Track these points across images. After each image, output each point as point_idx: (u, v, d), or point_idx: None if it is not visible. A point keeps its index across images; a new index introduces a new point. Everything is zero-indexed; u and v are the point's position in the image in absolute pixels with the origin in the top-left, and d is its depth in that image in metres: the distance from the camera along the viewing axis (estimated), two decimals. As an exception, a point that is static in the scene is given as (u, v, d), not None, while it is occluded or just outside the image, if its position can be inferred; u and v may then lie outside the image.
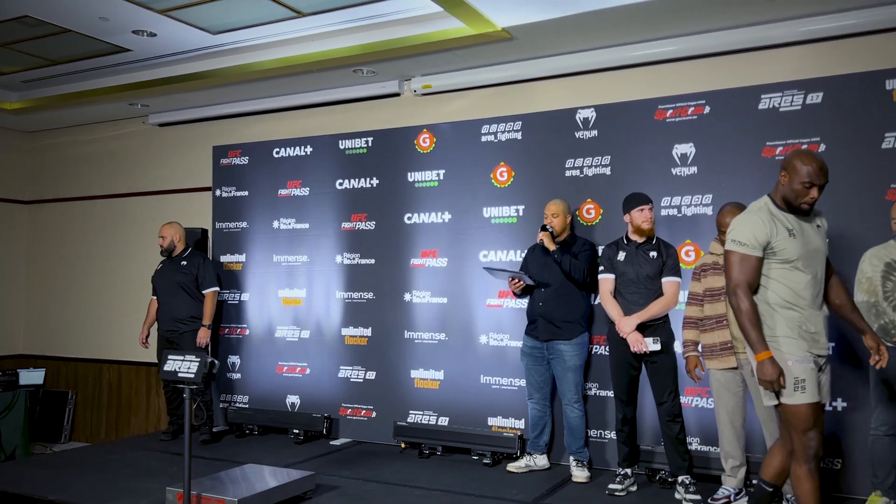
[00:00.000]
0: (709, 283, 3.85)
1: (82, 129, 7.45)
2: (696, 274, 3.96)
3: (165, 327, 5.51)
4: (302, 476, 4.03)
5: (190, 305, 5.48)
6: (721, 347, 3.75)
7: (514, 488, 4.22)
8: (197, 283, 5.50)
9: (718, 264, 3.81)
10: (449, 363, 5.24)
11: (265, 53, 5.42)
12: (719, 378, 3.81)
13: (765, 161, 4.36)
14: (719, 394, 3.83)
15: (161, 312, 5.57)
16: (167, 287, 5.52)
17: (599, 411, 4.70)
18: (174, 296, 5.48)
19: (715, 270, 3.83)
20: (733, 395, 3.79)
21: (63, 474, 4.45)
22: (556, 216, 4.55)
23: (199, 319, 5.47)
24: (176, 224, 5.66)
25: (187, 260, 5.55)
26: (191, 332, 5.45)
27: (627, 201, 4.19)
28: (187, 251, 5.61)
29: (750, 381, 3.73)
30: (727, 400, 3.80)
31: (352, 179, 5.70)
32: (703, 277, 3.89)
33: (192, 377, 3.48)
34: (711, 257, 3.91)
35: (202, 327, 5.45)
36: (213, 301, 5.52)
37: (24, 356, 7.57)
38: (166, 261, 5.62)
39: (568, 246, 4.53)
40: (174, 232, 5.58)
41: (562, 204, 4.58)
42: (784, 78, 4.42)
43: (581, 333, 4.49)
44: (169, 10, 4.77)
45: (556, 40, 4.89)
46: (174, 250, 5.58)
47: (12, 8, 4.74)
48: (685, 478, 3.99)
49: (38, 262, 7.67)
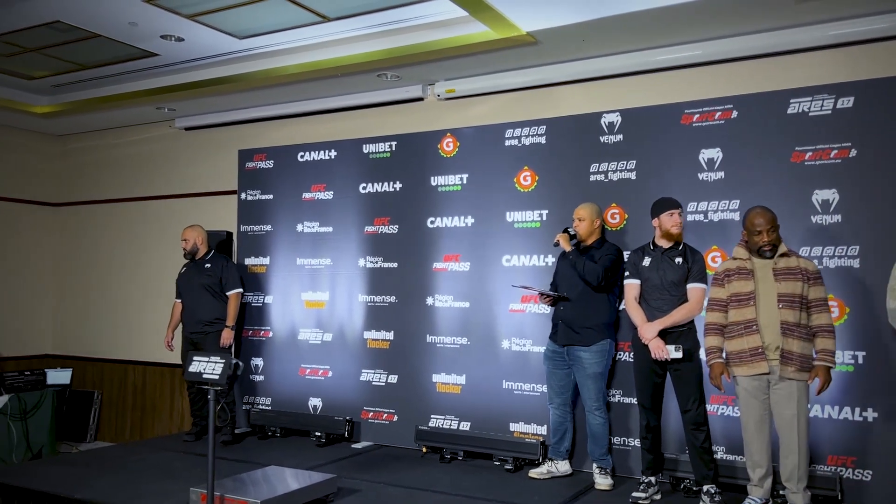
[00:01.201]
0: (734, 288, 3.76)
1: (110, 132, 7.55)
2: (719, 279, 3.86)
3: (190, 329, 5.55)
4: (324, 479, 4.03)
5: (214, 307, 5.52)
6: (751, 353, 3.66)
7: (536, 495, 4.19)
8: (221, 285, 5.55)
9: (745, 269, 3.74)
10: (471, 368, 5.22)
11: (291, 58, 5.46)
12: (746, 386, 3.73)
13: (794, 166, 4.30)
14: (746, 402, 3.74)
15: (185, 315, 5.62)
16: (191, 289, 5.57)
17: (623, 418, 4.65)
18: (198, 298, 5.53)
19: (741, 275, 3.75)
20: (761, 402, 3.71)
21: (88, 473, 4.49)
22: (583, 220, 4.51)
23: (224, 321, 5.51)
24: (198, 227, 5.71)
25: (211, 262, 5.60)
26: (215, 334, 5.49)
27: (657, 205, 4.15)
28: (210, 253, 5.66)
29: (774, 390, 3.66)
30: (755, 408, 3.72)
31: (375, 183, 5.72)
32: (728, 283, 3.80)
33: (217, 378, 3.50)
34: (736, 262, 3.81)
35: (226, 328, 5.49)
36: (236, 302, 5.56)
37: (52, 356, 7.68)
38: (190, 263, 5.67)
39: (594, 249, 4.48)
40: (196, 235, 5.63)
41: (590, 208, 4.54)
42: (814, 82, 4.35)
43: (602, 340, 4.42)
44: (196, 15, 4.82)
45: (581, 45, 4.86)
46: (197, 253, 5.63)
47: (44, 13, 4.82)
48: (710, 487, 3.93)
49: (66, 264, 7.78)
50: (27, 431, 6.01)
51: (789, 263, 3.69)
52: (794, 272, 3.66)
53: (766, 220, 3.69)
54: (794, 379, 3.60)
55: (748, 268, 3.73)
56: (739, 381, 3.75)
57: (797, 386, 3.60)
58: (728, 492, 4.03)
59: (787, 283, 3.65)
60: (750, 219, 3.75)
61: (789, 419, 3.60)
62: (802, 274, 3.66)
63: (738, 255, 3.83)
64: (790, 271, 3.67)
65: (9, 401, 5.90)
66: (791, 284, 3.65)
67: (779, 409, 3.65)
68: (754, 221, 3.72)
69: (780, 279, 3.66)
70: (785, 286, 3.65)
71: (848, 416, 4.09)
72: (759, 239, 3.69)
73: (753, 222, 3.72)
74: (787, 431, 3.63)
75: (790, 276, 3.66)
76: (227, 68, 5.72)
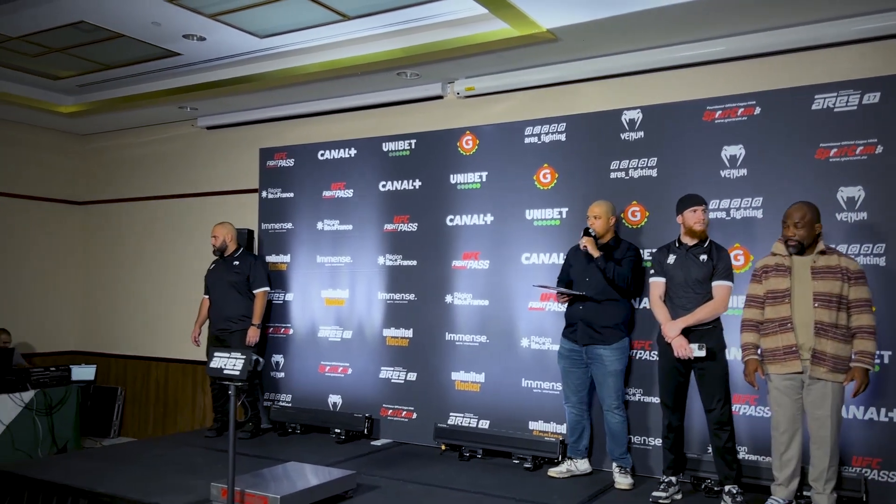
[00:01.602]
0: (771, 284, 3.68)
1: (134, 131, 7.64)
2: (757, 275, 3.78)
3: (217, 326, 5.59)
4: (343, 475, 4.05)
5: (241, 304, 5.55)
6: (785, 351, 3.60)
7: (555, 493, 4.17)
8: (248, 283, 5.57)
9: (783, 266, 3.67)
10: (490, 366, 5.21)
11: (311, 57, 5.49)
12: (779, 384, 3.66)
13: (818, 163, 4.24)
14: (779, 401, 3.66)
15: (213, 311, 5.66)
16: (219, 286, 5.61)
17: (642, 418, 4.62)
18: (226, 295, 5.56)
19: (778, 272, 3.67)
20: (793, 401, 3.63)
21: (112, 468, 4.55)
22: (599, 218, 4.49)
23: (250, 318, 5.55)
24: (228, 224, 5.75)
25: (239, 260, 5.63)
26: (241, 331, 5.53)
27: (681, 202, 4.10)
28: (239, 251, 5.70)
29: (808, 390, 3.60)
30: (787, 407, 3.64)
31: (394, 181, 5.73)
32: (765, 279, 3.72)
33: (238, 374, 3.53)
34: (774, 258, 3.72)
35: (252, 326, 5.53)
36: (263, 301, 5.59)
37: (77, 352, 7.79)
38: (219, 260, 5.70)
39: (611, 249, 4.47)
40: (226, 232, 5.67)
41: (605, 205, 4.51)
42: (839, 77, 4.29)
43: (621, 339, 4.42)
44: (218, 15, 4.86)
45: (601, 41, 4.83)
46: (226, 250, 5.66)
47: (69, 14, 4.89)
48: (732, 487, 3.89)
49: (91, 262, 7.89)
50: (52, 426, 6.09)
51: (829, 262, 3.59)
52: (834, 271, 3.56)
53: (796, 215, 3.62)
54: (826, 380, 3.53)
55: (785, 265, 3.66)
56: (772, 378, 3.68)
57: (831, 387, 3.53)
58: (750, 492, 3.98)
59: (824, 281, 3.56)
60: (786, 212, 3.69)
61: (821, 420, 3.55)
62: (843, 273, 3.55)
63: (776, 251, 3.75)
64: (829, 270, 3.57)
65: (35, 396, 5.99)
66: (829, 283, 3.55)
67: (811, 409, 3.59)
68: (786, 213, 3.67)
69: (818, 277, 3.58)
70: (822, 285, 3.56)
71: (874, 417, 4.02)
72: (786, 232, 3.64)
73: (785, 214, 3.67)
74: (818, 432, 3.57)
75: (829, 274, 3.57)
76: (249, 67, 5.77)
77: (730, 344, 4.10)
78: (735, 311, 4.15)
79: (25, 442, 5.88)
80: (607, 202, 4.55)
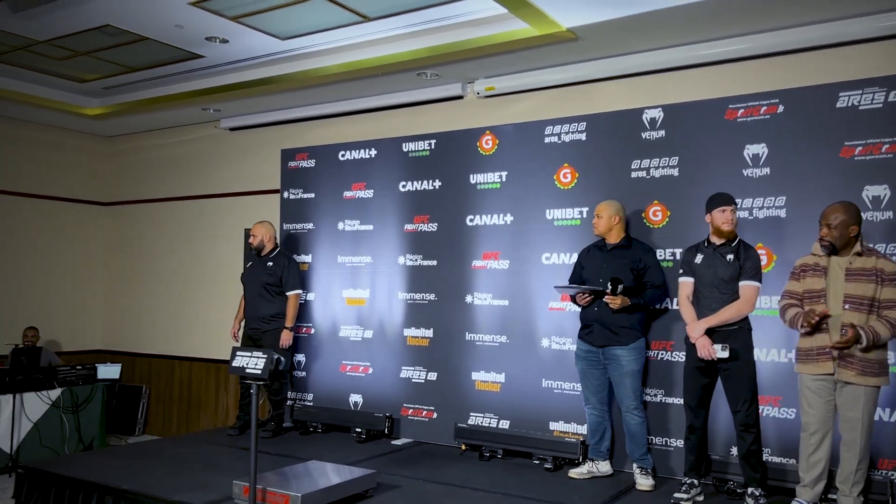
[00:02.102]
0: (808, 284, 3.64)
1: (158, 133, 7.74)
2: (795, 273, 3.72)
3: (250, 325, 5.64)
4: (364, 474, 4.07)
5: (272, 305, 5.58)
6: (818, 352, 3.55)
7: (576, 494, 4.15)
8: (280, 284, 5.60)
9: (819, 266, 3.62)
10: (510, 366, 5.20)
11: (332, 58, 5.52)
12: (811, 385, 3.61)
13: (843, 161, 4.18)
14: (811, 401, 3.61)
15: (247, 310, 5.70)
16: (253, 286, 5.65)
17: (662, 418, 4.59)
18: (259, 295, 5.60)
19: (815, 272, 3.62)
20: (826, 402, 3.58)
21: (136, 465, 4.61)
22: (600, 217, 4.49)
23: (281, 319, 5.57)
24: (267, 223, 5.78)
25: (273, 261, 5.66)
26: (273, 332, 5.55)
27: (710, 201, 4.05)
28: (275, 251, 5.72)
29: (841, 392, 3.54)
30: (819, 408, 3.59)
31: (414, 181, 5.74)
32: (803, 278, 3.67)
33: (259, 373, 3.56)
34: (812, 258, 3.67)
35: (285, 329, 5.54)
36: (295, 303, 5.61)
37: (102, 351, 7.91)
38: (255, 259, 5.74)
39: (623, 249, 4.46)
40: (265, 231, 5.70)
41: (609, 206, 4.50)
42: (864, 75, 4.22)
43: (638, 339, 4.41)
44: (240, 17, 4.91)
45: (622, 40, 4.81)
46: (263, 249, 5.70)
47: (94, 18, 4.97)
48: (755, 489, 3.85)
49: (116, 262, 8.00)
50: (79, 424, 6.18)
51: (865, 264, 3.53)
52: (868, 273, 3.50)
53: (830, 216, 3.58)
54: (855, 383, 3.48)
55: (822, 265, 3.61)
56: (804, 379, 3.64)
57: (863, 389, 3.48)
58: (776, 495, 3.94)
59: (856, 283, 3.51)
60: (822, 212, 3.64)
61: (852, 422, 3.50)
62: (877, 275, 3.49)
63: (815, 251, 3.70)
64: (864, 272, 3.52)
65: (61, 394, 6.09)
66: (861, 286, 3.50)
67: (843, 410, 3.54)
68: (822, 213, 3.63)
69: (851, 279, 3.52)
70: (853, 287, 3.51)
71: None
72: (820, 231, 3.61)
73: (822, 215, 3.63)
74: (848, 434, 3.52)
75: (862, 276, 3.51)
76: (270, 69, 5.82)
77: (758, 344, 4.05)
78: (762, 312, 4.10)
79: (53, 439, 5.99)
80: (614, 202, 4.53)
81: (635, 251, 4.47)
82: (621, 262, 4.43)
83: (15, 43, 5.49)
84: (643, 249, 4.49)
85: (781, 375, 4.23)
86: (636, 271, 4.42)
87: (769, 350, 4.29)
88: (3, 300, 7.18)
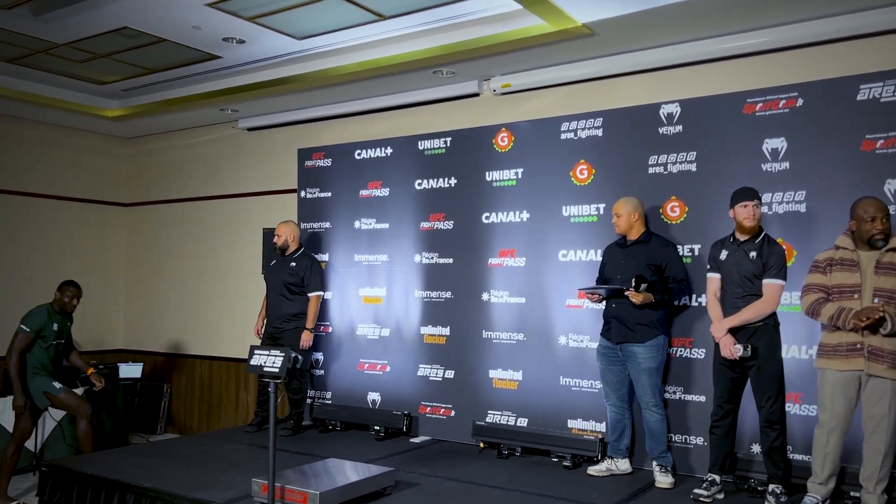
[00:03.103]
0: (837, 279, 3.58)
1: (176, 134, 7.81)
2: (820, 268, 3.65)
3: (271, 324, 5.67)
4: (382, 472, 4.08)
5: (293, 305, 5.60)
6: (848, 348, 3.50)
7: (595, 492, 4.14)
8: (302, 284, 5.62)
9: (850, 260, 3.56)
10: (528, 364, 5.19)
11: (348, 57, 5.54)
12: (836, 380, 3.55)
13: (864, 155, 4.12)
14: (835, 397, 3.56)
15: (269, 309, 5.74)
16: (275, 285, 5.68)
17: (682, 416, 4.55)
18: (280, 294, 5.63)
19: (844, 266, 3.57)
20: (849, 399, 3.54)
21: (157, 464, 4.65)
22: (619, 216, 4.46)
23: (302, 319, 5.59)
24: (291, 223, 5.81)
25: (296, 261, 5.68)
26: (293, 331, 5.57)
27: (733, 196, 3.99)
28: (299, 251, 5.74)
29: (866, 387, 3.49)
30: (842, 405, 3.55)
31: (430, 179, 5.74)
32: (830, 272, 3.61)
33: (277, 371, 3.58)
34: (839, 252, 3.62)
35: (305, 330, 5.57)
36: (316, 304, 5.62)
37: (124, 350, 7.99)
38: (278, 258, 5.76)
39: (642, 244, 4.44)
40: (289, 231, 5.73)
41: (626, 203, 4.46)
42: (885, 67, 4.16)
43: (656, 336, 4.36)
44: (257, 17, 4.94)
45: (638, 35, 4.78)
46: (287, 249, 5.73)
47: (113, 20, 5.02)
48: (776, 487, 3.81)
49: (137, 262, 8.08)
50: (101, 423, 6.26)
51: (894, 258, 3.50)
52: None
53: (879, 207, 3.52)
54: (886, 377, 3.44)
55: (854, 259, 3.56)
56: (828, 374, 3.58)
57: (890, 385, 3.44)
58: (798, 493, 3.88)
59: (886, 277, 3.47)
60: (862, 206, 3.56)
61: (878, 418, 3.46)
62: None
63: (842, 245, 3.64)
64: (893, 266, 3.49)
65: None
66: (892, 280, 3.46)
67: (868, 407, 3.50)
68: (867, 209, 3.54)
69: (881, 273, 3.48)
70: (884, 281, 3.47)
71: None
72: (873, 227, 3.50)
73: (866, 209, 3.54)
74: (873, 430, 3.48)
75: (892, 271, 3.48)
76: (287, 69, 5.84)
77: (787, 341, 4.01)
78: (784, 308, 4.04)
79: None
80: (630, 199, 4.50)
81: (654, 246, 4.44)
82: (640, 259, 4.41)
83: (35, 46, 5.56)
84: (662, 244, 4.46)
85: (803, 372, 4.18)
86: (655, 266, 4.39)
87: (790, 347, 4.23)
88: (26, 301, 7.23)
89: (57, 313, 5.20)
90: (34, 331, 5.04)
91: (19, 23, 5.08)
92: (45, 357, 5.13)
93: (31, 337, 5.03)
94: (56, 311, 5.20)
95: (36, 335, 5.05)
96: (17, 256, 7.24)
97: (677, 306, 4.59)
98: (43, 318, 5.09)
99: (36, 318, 5.08)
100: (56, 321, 5.17)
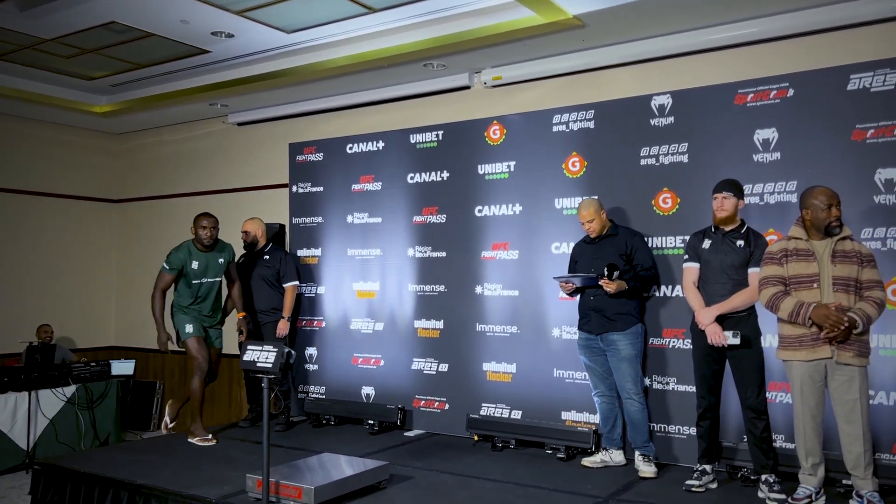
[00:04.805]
0: (793, 269, 3.60)
1: (166, 129, 7.76)
2: (776, 259, 3.65)
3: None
4: (377, 466, 4.08)
5: (271, 298, 5.65)
6: (813, 338, 3.52)
7: (589, 483, 4.15)
8: (279, 277, 5.66)
9: (805, 250, 3.58)
10: (521, 356, 5.20)
11: (338, 50, 5.51)
12: (803, 372, 3.58)
13: (855, 145, 4.14)
14: (803, 387, 3.59)
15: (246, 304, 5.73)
16: (250, 280, 5.68)
17: (663, 406, 4.58)
18: (257, 289, 5.66)
19: (800, 256, 3.59)
20: (818, 388, 3.58)
21: (151, 460, 4.64)
22: (592, 221, 4.47)
23: (280, 311, 5.63)
24: (258, 219, 5.83)
25: (269, 254, 5.71)
26: (272, 324, 5.64)
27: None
28: (268, 246, 5.78)
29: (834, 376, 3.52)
30: (812, 395, 3.58)
31: (423, 173, 5.73)
32: (787, 263, 3.64)
33: (270, 367, 3.57)
34: (793, 242, 3.65)
35: (282, 319, 5.61)
36: (292, 294, 5.67)
37: (116, 347, 7.96)
38: (247, 254, 5.79)
39: (611, 237, 4.50)
40: (256, 227, 5.75)
41: (590, 206, 4.47)
42: (875, 56, 4.17)
43: (635, 324, 4.42)
44: (245, 11, 4.91)
45: (629, 26, 4.77)
46: (256, 244, 5.74)
47: (100, 15, 4.98)
48: (769, 476, 3.84)
49: (127, 259, 8.04)
50: (94, 420, 6.24)
51: (845, 246, 3.55)
52: (850, 255, 3.53)
53: (832, 196, 3.56)
54: (853, 364, 3.47)
55: (809, 249, 3.59)
56: (795, 366, 3.61)
57: (857, 371, 3.48)
58: (788, 481, 3.91)
59: (843, 265, 3.52)
60: (815, 195, 3.58)
61: (851, 405, 3.48)
62: (857, 257, 3.53)
63: (795, 235, 3.67)
64: (846, 254, 3.54)
65: (76, 391, 6.14)
66: (847, 268, 3.51)
67: (838, 395, 3.52)
68: (821, 198, 3.56)
69: (837, 262, 3.53)
70: (840, 269, 3.51)
71: (915, 404, 3.93)
72: (829, 215, 3.53)
73: (821, 198, 3.55)
74: (848, 418, 3.50)
75: (846, 259, 3.53)
76: (276, 63, 5.81)
77: (765, 332, 4.03)
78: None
79: (68, 435, 6.04)
80: (592, 200, 4.53)
81: (622, 237, 4.51)
82: (611, 251, 4.46)
83: (22, 42, 5.51)
84: (630, 234, 4.54)
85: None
86: (625, 256, 4.45)
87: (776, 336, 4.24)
88: (17, 298, 7.24)
89: (200, 250, 5.16)
90: (173, 269, 5.09)
91: (5, 18, 5.03)
92: (188, 295, 5.16)
93: (171, 275, 5.10)
94: (198, 247, 5.16)
95: (178, 273, 5.09)
96: (5, 253, 7.18)
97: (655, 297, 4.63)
98: (181, 257, 5.11)
99: (174, 256, 5.12)
100: (198, 259, 5.14)
